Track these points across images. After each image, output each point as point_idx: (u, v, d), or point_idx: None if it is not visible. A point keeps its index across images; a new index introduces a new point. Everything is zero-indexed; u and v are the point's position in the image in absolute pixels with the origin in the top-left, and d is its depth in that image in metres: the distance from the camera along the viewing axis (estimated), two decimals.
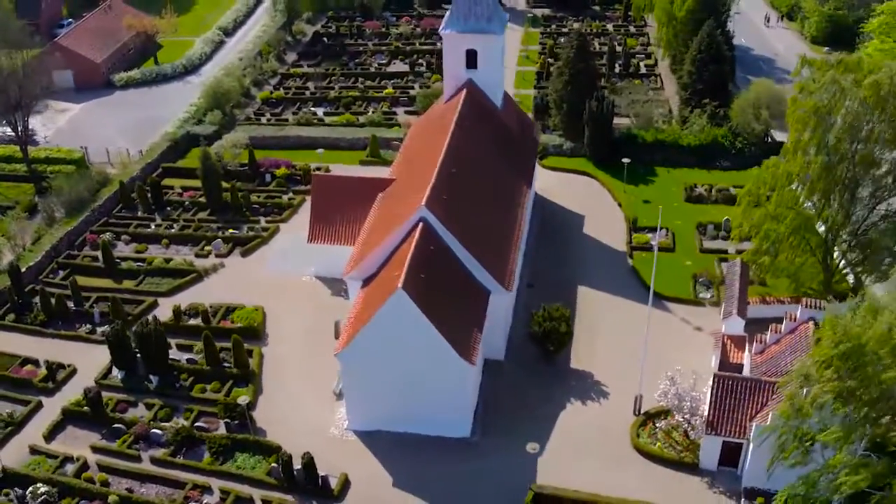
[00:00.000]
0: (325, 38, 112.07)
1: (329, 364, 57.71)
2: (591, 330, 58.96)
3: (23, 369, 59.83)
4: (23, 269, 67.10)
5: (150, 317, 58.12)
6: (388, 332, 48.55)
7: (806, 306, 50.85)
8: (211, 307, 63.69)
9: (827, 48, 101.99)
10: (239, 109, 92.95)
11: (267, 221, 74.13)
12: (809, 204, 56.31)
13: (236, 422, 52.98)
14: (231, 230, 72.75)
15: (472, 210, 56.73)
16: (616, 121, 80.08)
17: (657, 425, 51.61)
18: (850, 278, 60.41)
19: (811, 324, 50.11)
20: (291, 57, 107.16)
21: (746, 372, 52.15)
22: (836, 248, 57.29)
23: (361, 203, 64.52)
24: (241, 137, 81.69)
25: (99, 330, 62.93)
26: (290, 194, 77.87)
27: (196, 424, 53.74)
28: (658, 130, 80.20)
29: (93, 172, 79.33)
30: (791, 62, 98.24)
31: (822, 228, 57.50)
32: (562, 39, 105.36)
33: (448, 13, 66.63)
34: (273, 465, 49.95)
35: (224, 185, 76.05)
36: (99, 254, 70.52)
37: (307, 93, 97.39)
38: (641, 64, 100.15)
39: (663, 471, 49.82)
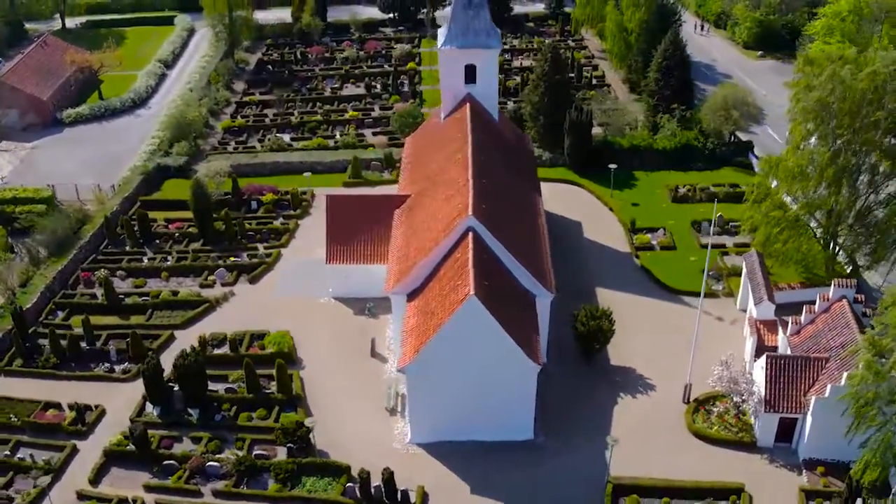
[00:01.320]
0: (269, 66, 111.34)
1: (370, 381, 58.27)
2: (620, 328, 60.70)
3: (46, 414, 57.37)
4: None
5: (188, 348, 56.66)
6: (457, 340, 49.10)
7: (838, 286, 54.11)
8: (234, 335, 62.57)
9: (760, 52, 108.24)
10: (202, 140, 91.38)
11: (265, 248, 73.27)
12: (813, 193, 59.78)
13: (298, 446, 52.26)
14: (232, 258, 71.57)
15: (506, 218, 57.92)
16: None
17: (713, 409, 53.83)
18: (847, 266, 64.43)
19: (844, 301, 53.43)
20: (240, 85, 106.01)
21: (781, 352, 55.07)
22: (839, 234, 61.04)
23: (377, 221, 64.95)
24: (222, 166, 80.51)
25: (118, 368, 60.99)
26: (281, 219, 77.22)
27: (255, 453, 52.73)
28: (632, 137, 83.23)
29: (71, 210, 76.53)
30: (727, 67, 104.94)
31: (818, 216, 61.38)
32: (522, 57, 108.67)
33: (445, 30, 67.77)
34: (348, 484, 49.65)
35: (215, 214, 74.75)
36: (97, 291, 68.59)
37: (267, 120, 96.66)
38: (590, 75, 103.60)
39: (723, 451, 52.13)
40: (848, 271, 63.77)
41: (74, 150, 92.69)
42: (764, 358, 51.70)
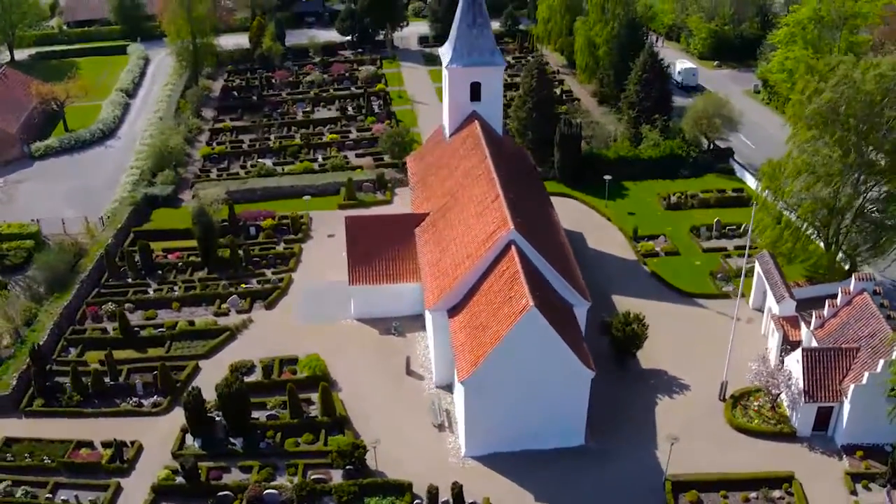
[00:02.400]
0: (235, 92, 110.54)
1: (411, 399, 58.73)
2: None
3: (79, 453, 55.87)
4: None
5: (232, 377, 56.04)
6: (515, 351, 50.00)
7: (858, 279, 57.06)
8: (261, 362, 62.14)
9: (717, 62, 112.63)
10: (182, 168, 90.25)
11: (273, 273, 72.86)
12: (820, 192, 62.75)
13: (355, 467, 52.25)
14: (244, 285, 70.97)
15: (537, 230, 59.21)
16: None
17: (755, 404, 56.03)
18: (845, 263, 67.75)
19: (866, 294, 56.38)
20: (209, 112, 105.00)
21: (805, 346, 57.69)
22: (841, 231, 64.20)
23: (398, 240, 65.53)
24: (218, 193, 79.67)
25: (146, 402, 59.88)
26: (283, 244, 76.92)
27: (313, 477, 52.48)
28: (618, 148, 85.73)
29: (67, 244, 74.71)
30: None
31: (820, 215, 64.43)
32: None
33: (449, 49, 68.95)
34: (415, 501, 49.96)
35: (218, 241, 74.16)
36: (106, 325, 67.27)
37: (244, 145, 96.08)
38: (559, 90, 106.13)
39: (765, 443, 54.32)
40: (846, 268, 66.99)
41: (50, 183, 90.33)
42: (799, 351, 54.11)
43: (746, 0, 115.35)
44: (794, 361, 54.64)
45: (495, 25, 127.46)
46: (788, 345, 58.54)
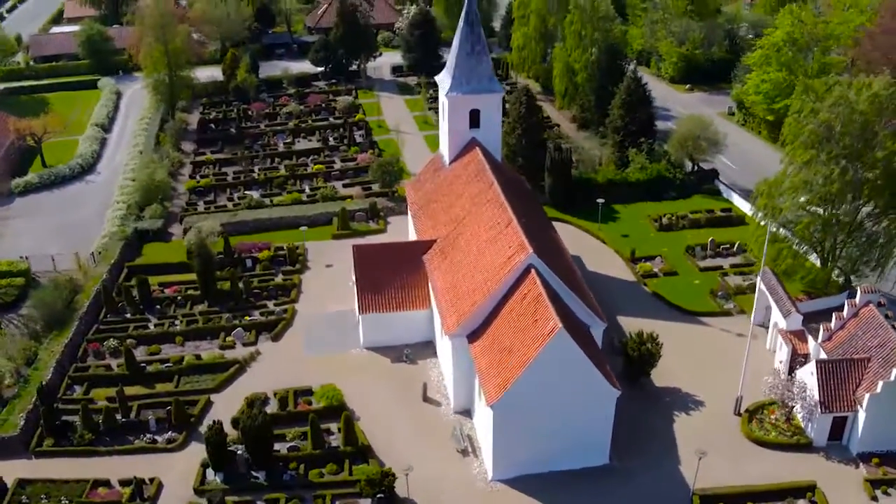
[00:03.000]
0: (212, 125, 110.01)
1: (431, 425, 58.88)
2: None
3: (97, 492, 54.83)
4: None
5: (254, 409, 55.56)
6: (544, 373, 50.47)
7: (864, 292, 58.88)
8: (275, 394, 61.74)
9: (688, 86, 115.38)
10: (168, 202, 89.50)
11: (275, 304, 72.52)
12: (819, 209, 64.73)
13: (385, 496, 52.09)
14: (247, 317, 70.50)
15: (550, 254, 59.98)
16: None
17: (771, 416, 57.24)
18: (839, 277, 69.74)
19: (872, 306, 58.18)
20: (188, 146, 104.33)
21: (814, 359, 59.26)
22: (838, 246, 66.14)
23: (406, 268, 65.83)
24: (213, 225, 79.09)
25: (160, 438, 59.02)
26: (281, 275, 76.61)
27: None
28: (605, 172, 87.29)
29: (62, 281, 73.49)
30: (662, 101, 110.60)
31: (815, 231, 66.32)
32: None
33: (448, 77, 69.72)
34: None
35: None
36: (110, 361, 66.37)
37: (229, 178, 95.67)
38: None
39: (783, 454, 55.55)
40: (840, 282, 68.94)
41: (33, 220, 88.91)
42: (814, 363, 55.56)
43: (715, 25, 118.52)
44: (808, 374, 56.02)
45: None
46: (802, 357, 59.99)
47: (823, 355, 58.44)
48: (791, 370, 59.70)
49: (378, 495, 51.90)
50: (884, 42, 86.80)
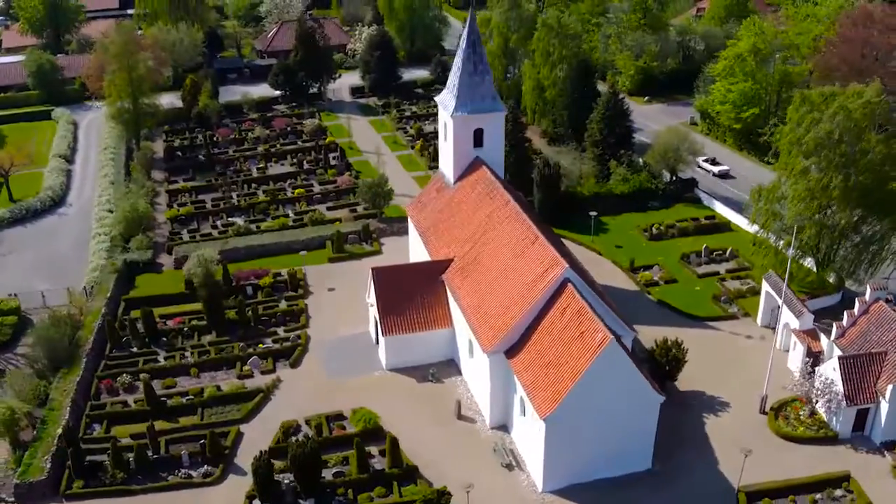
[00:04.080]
0: (179, 152, 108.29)
1: (470, 442, 59.60)
2: None
3: None
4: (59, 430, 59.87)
5: (301, 437, 55.19)
6: (595, 383, 51.71)
7: (874, 289, 61.95)
8: (307, 421, 61.43)
9: (647, 97, 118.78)
10: (150, 232, 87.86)
11: (285, 331, 72.05)
12: (820, 215, 67.66)
13: None
14: (261, 345, 69.89)
15: (576, 267, 61.32)
16: None
17: (798, 412, 59.67)
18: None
19: (881, 303, 61.30)
20: (158, 174, 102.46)
21: (828, 355, 62.13)
22: (835, 248, 69.37)
23: (426, 288, 66.41)
24: (212, 253, 77.97)
25: (195, 472, 58.04)
26: (284, 301, 76.12)
27: None
28: (590, 185, 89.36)
29: (61, 317, 71.45)
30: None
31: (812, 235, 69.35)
32: (426, 122, 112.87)
33: (452, 97, 70.53)
34: None
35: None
36: (126, 398, 64.95)
37: (209, 205, 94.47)
38: None
39: (812, 448, 58.10)
40: (834, 284, 72.23)
41: (11, 256, 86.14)
42: (836, 359, 58.22)
43: (668, 38, 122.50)
44: (831, 369, 58.63)
45: (425, 73, 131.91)
46: (816, 355, 62.63)
47: (838, 352, 61.20)
48: (811, 368, 62.25)
49: None
50: (844, 50, 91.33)
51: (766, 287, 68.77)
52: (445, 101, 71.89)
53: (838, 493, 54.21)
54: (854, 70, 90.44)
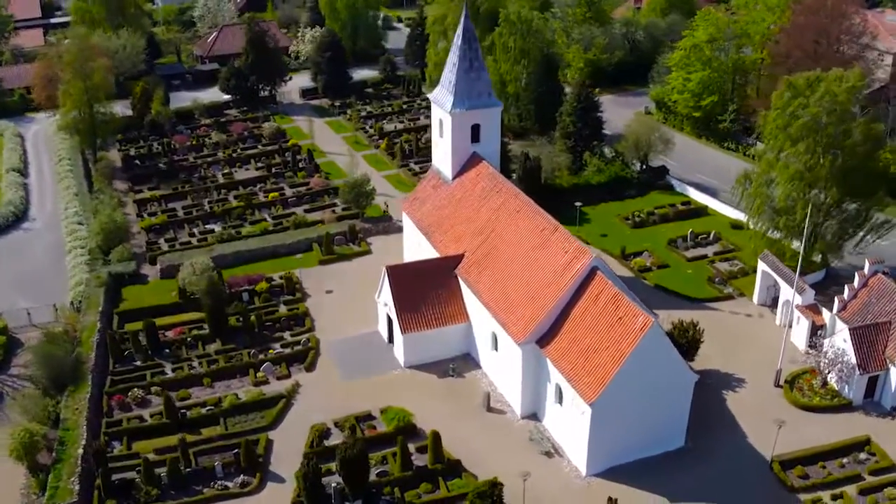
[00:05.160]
0: (137, 161, 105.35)
1: (505, 433, 60.50)
2: None
3: None
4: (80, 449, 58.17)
5: (349, 440, 54.82)
6: (637, 366, 53.19)
7: (872, 262, 65.22)
8: (336, 424, 61.13)
9: (597, 89, 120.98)
10: (126, 243, 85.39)
11: (291, 335, 71.34)
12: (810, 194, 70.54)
13: None
14: (271, 351, 69.04)
15: None
16: None
17: (813, 383, 62.43)
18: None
19: (880, 275, 64.65)
20: (121, 184, 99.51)
21: (830, 329, 65.19)
22: (823, 226, 72.57)
23: (440, 284, 66.85)
24: (206, 262, 76.37)
25: (231, 483, 57.13)
26: (284, 306, 75.28)
27: None
28: (569, 177, 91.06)
29: (58, 334, 69.17)
30: None
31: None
32: (384, 121, 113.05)
33: (451, 94, 70.73)
34: None
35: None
36: (140, 413, 63.36)
37: (180, 213, 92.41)
38: None
39: (829, 416, 61.13)
40: (818, 261, 75.67)
41: None
42: (847, 331, 61.17)
43: (615, 32, 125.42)
44: (842, 340, 61.55)
45: (372, 73, 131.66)
46: (822, 328, 65.52)
47: (840, 324, 64.27)
48: (815, 341, 65.19)
49: None
50: (797, 37, 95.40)
51: (762, 267, 71.52)
52: (441, 98, 72.20)
53: (862, 456, 57.15)
54: (808, 56, 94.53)
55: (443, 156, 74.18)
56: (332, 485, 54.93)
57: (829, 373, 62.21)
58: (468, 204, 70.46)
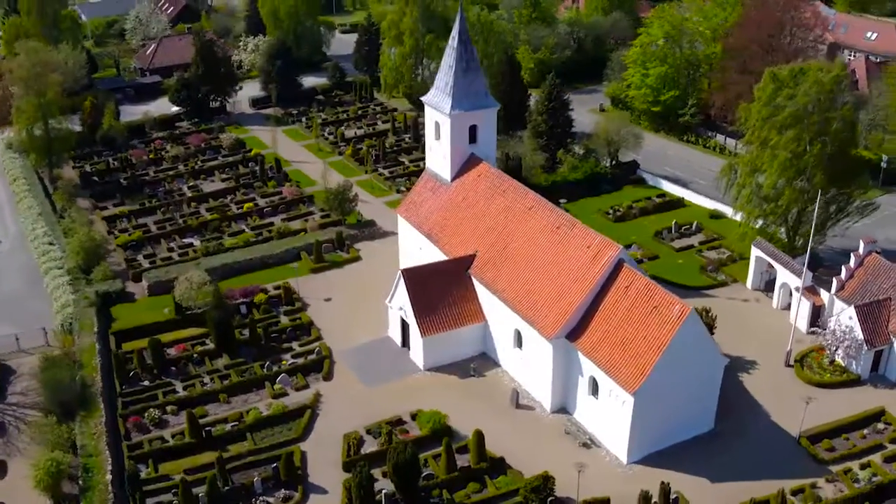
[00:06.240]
0: (96, 177, 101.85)
1: (538, 428, 61.22)
2: None
3: None
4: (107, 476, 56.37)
5: (401, 444, 54.41)
6: (675, 354, 54.60)
7: (866, 242, 68.40)
8: (369, 431, 60.72)
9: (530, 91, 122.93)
10: (104, 261, 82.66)
11: (300, 345, 70.46)
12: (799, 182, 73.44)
13: (553, 498, 53.55)
14: (284, 362, 68.01)
15: None
16: None
17: (824, 360, 65.14)
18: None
19: (875, 255, 67.92)
20: (84, 202, 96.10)
21: (829, 309, 68.25)
22: (808, 211, 75.60)
23: (454, 284, 67.14)
24: (202, 276, 74.49)
25: (272, 498, 56.13)
26: (286, 317, 74.23)
27: None
28: (546, 175, 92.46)
29: (58, 358, 66.53)
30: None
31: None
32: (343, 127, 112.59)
33: (448, 97, 70.78)
34: None
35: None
36: (161, 433, 61.65)
37: (154, 228, 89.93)
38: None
39: (839, 391, 63.86)
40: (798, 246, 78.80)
41: None
42: (852, 309, 64.06)
43: (561, 32, 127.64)
44: (847, 318, 64.40)
45: (321, 80, 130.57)
46: (822, 308, 68.41)
47: (840, 303, 67.32)
48: (813, 321, 68.05)
49: (548, 499, 53.15)
50: (752, 30, 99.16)
51: (755, 252, 74.13)
52: (438, 100, 72.27)
53: (880, 426, 59.93)
54: (763, 48, 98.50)
55: (440, 158, 74.28)
56: (382, 490, 54.53)
57: (836, 350, 64.92)
58: (472, 204, 70.82)
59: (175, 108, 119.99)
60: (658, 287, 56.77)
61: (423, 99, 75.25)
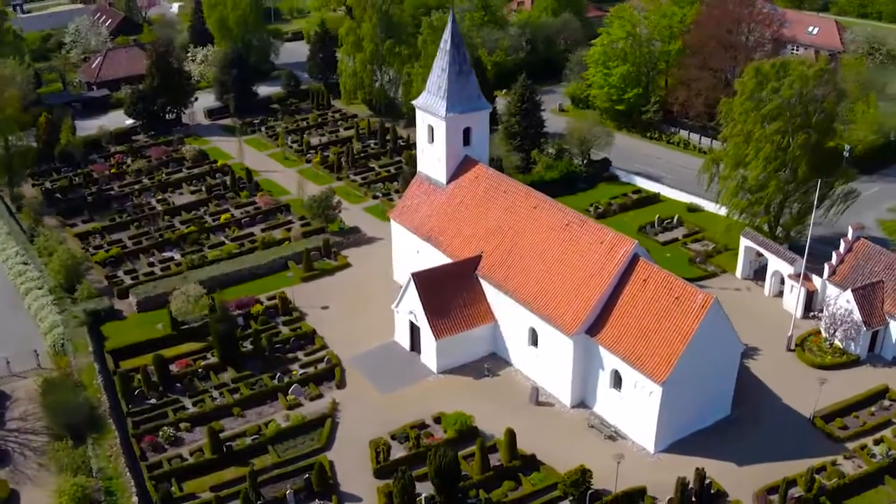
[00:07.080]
0: (58, 194, 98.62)
1: (561, 424, 61.95)
2: None
3: None
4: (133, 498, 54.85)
5: (442, 448, 54.23)
6: (699, 342, 55.97)
7: (855, 229, 71.11)
8: (394, 437, 60.45)
9: (504, 91, 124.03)
10: (84, 279, 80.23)
11: (305, 354, 69.70)
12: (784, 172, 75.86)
13: (592, 491, 54.24)
14: (295, 372, 67.18)
15: None
16: None
17: (824, 343, 67.49)
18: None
19: (863, 240, 70.71)
20: (51, 220, 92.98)
21: (822, 294, 70.84)
22: (791, 201, 78.23)
23: (462, 286, 67.36)
24: (198, 289, 72.92)
25: None
26: (286, 326, 73.32)
27: None
28: (524, 175, 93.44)
29: (56, 381, 64.32)
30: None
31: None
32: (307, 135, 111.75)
33: (443, 100, 70.90)
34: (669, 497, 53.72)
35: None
36: (178, 451, 60.29)
37: (129, 243, 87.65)
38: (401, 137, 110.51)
39: (841, 372, 66.23)
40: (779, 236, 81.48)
41: None
42: (850, 292, 66.59)
43: (512, 34, 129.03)
44: (845, 301, 66.89)
45: (275, 89, 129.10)
46: (814, 294, 70.92)
47: (832, 288, 69.92)
48: (807, 306, 70.51)
49: (588, 491, 53.80)
50: (711, 27, 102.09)
51: (745, 242, 76.35)
52: (431, 103, 72.32)
53: (886, 403, 62.48)
54: (722, 45, 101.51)
55: (434, 161, 74.30)
56: (422, 494, 54.35)
57: (835, 332, 67.34)
58: (472, 205, 71.11)
59: (130, 121, 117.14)
60: (678, 278, 58.09)
61: (414, 103, 75.21)
